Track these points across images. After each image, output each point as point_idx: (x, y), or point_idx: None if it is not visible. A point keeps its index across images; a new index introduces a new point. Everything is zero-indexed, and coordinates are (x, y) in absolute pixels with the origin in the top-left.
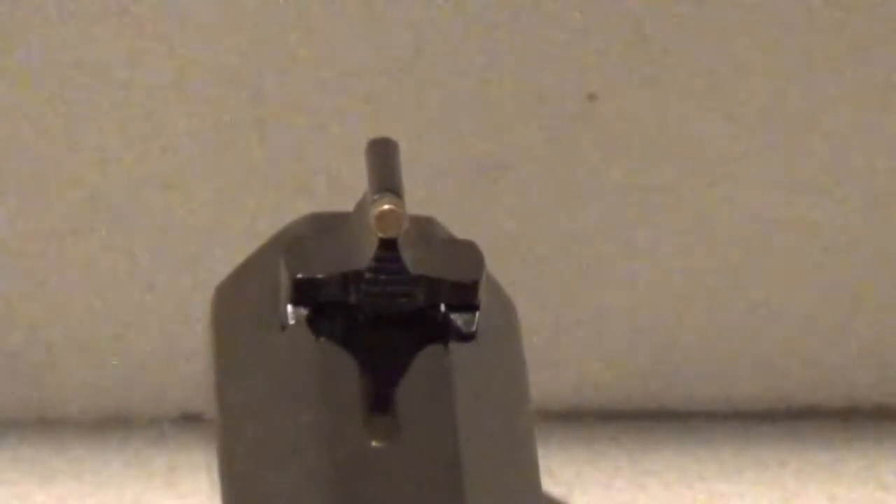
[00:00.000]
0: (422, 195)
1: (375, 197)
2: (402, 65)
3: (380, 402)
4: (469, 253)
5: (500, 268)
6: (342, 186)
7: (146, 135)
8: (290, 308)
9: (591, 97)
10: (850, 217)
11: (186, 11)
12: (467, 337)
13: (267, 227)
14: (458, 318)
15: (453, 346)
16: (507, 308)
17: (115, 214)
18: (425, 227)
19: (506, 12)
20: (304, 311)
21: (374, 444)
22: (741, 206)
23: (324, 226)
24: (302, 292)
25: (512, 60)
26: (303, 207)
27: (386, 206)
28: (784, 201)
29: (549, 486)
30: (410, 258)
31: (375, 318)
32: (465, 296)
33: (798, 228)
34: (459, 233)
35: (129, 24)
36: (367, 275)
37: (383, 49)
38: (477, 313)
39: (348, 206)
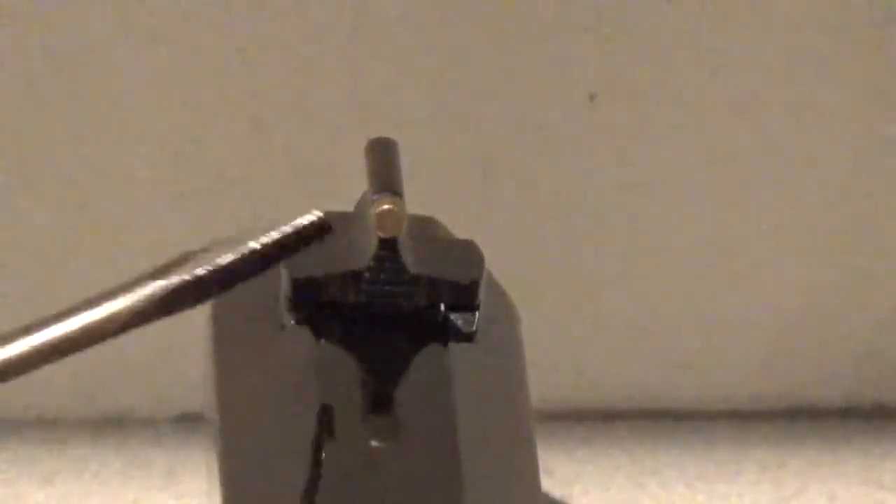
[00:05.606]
0: (422, 195)
1: (375, 197)
2: (401, 64)
3: (380, 402)
4: (469, 253)
5: (501, 268)
6: (342, 186)
7: (146, 134)
8: (290, 308)
9: (591, 97)
10: (850, 216)
11: (186, 11)
12: (467, 337)
13: None
14: (457, 318)
15: (453, 346)
16: (507, 308)
17: (114, 215)
18: (425, 227)
19: (506, 12)
20: (303, 311)
21: (373, 444)
22: (742, 205)
23: None
24: (302, 292)
25: (512, 60)
26: (303, 207)
27: (386, 206)
28: (785, 200)
29: (549, 486)
30: (410, 258)
31: (375, 318)
32: (465, 296)
33: (799, 227)
34: (459, 233)
35: (128, 24)
36: (367, 275)
37: (383, 48)
38: (477, 313)
39: (348, 206)
